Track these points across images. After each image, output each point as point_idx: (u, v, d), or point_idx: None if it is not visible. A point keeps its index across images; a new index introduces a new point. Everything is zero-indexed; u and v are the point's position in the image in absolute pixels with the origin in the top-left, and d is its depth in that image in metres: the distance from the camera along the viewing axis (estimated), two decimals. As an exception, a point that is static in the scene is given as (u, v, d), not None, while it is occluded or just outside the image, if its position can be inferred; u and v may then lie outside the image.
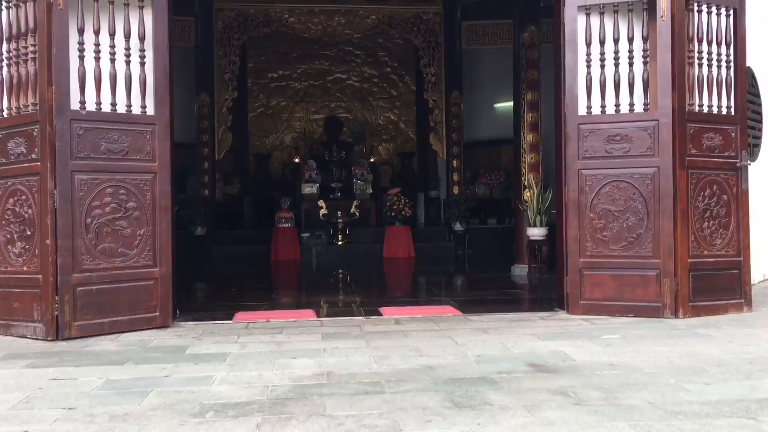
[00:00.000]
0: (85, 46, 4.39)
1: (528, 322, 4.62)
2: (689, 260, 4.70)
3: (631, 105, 4.85)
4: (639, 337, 4.03)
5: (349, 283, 7.76)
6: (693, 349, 3.69)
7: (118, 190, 4.45)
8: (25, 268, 4.32)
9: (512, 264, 8.17)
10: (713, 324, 4.43)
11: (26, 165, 4.32)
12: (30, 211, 4.30)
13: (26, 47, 4.37)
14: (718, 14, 4.94)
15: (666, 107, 4.73)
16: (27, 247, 4.32)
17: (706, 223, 4.80)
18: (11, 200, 4.39)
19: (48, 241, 4.20)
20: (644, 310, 4.70)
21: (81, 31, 4.38)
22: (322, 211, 10.59)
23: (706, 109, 4.88)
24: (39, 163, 4.25)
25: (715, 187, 4.84)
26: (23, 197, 4.34)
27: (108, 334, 4.31)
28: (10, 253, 4.39)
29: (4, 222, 4.42)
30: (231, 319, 4.89)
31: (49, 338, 4.18)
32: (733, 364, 3.33)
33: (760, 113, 6.64)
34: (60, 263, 4.21)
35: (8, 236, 4.40)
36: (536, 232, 7.67)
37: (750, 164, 4.99)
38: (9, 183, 4.41)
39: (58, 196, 4.23)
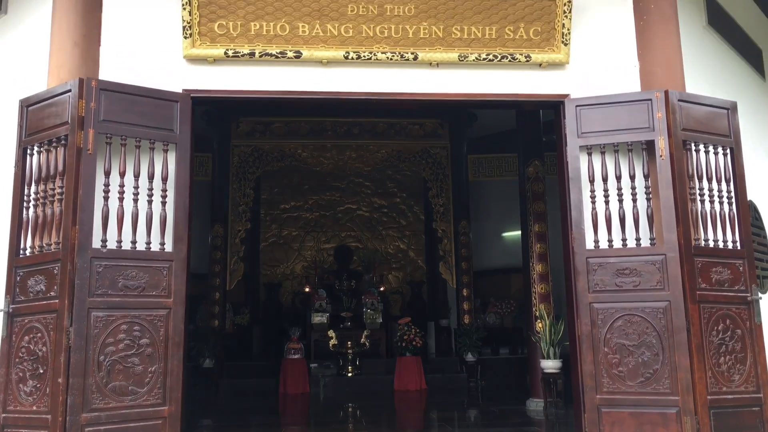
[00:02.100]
0: (110, 187, 4.60)
1: (546, 464, 4.45)
2: (708, 397, 4.61)
3: (638, 239, 4.95)
4: (663, 481, 3.88)
5: (359, 418, 7.56)
6: (721, 495, 3.54)
7: (132, 326, 4.49)
8: (34, 408, 4.27)
9: (527, 397, 7.97)
10: (739, 465, 4.26)
11: (44, 302, 4.40)
12: (44, 348, 4.33)
13: (54, 189, 4.58)
14: (716, 153, 5.15)
15: (672, 242, 4.82)
16: (38, 385, 4.30)
17: (723, 358, 4.74)
18: (26, 338, 4.43)
19: (60, 380, 4.19)
20: (666, 450, 4.55)
21: (107, 174, 4.61)
22: (332, 342, 10.47)
23: (711, 244, 4.96)
24: (57, 301, 4.33)
25: (728, 321, 4.82)
26: (38, 335, 4.38)
27: (113, 477, 4.19)
28: (21, 391, 4.36)
29: (17, 360, 4.43)
30: (239, 460, 4.74)
31: (53, 482, 4.07)
32: None
33: (766, 245, 6.73)
34: (70, 403, 4.18)
35: (20, 374, 4.39)
36: (550, 365, 7.53)
37: (761, 297, 5.01)
38: (26, 320, 4.46)
39: (74, 333, 4.27)
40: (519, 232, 8.98)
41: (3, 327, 4.53)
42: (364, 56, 5.18)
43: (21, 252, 4.65)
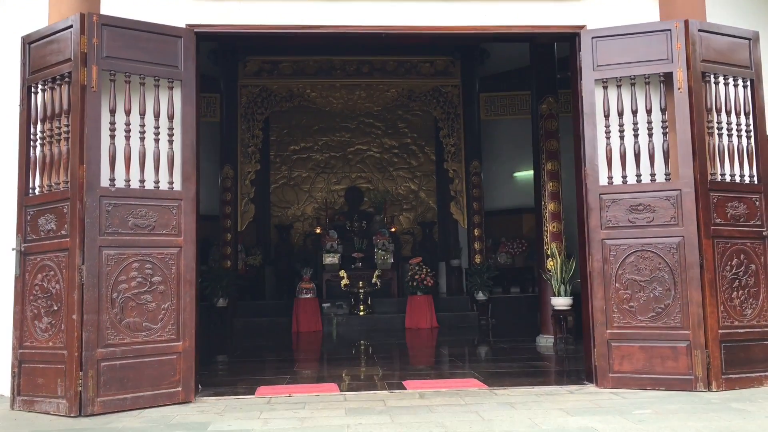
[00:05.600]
0: (116, 125, 4.55)
1: (556, 396, 4.51)
2: (719, 331, 4.60)
3: (653, 175, 4.86)
4: (672, 413, 3.91)
5: (371, 354, 7.66)
6: (729, 425, 3.57)
7: (144, 264, 4.51)
8: (50, 344, 4.35)
9: (537, 334, 8.04)
10: (748, 398, 4.29)
11: (56, 241, 4.41)
12: (57, 286, 4.36)
13: (59, 127, 4.53)
14: (735, 85, 5.00)
15: (688, 177, 4.73)
16: (53, 322, 4.36)
17: (735, 293, 4.72)
18: (39, 276, 4.46)
19: (74, 316, 4.24)
20: (676, 383, 4.58)
21: (113, 111, 4.55)
22: (344, 281, 10.57)
23: (728, 178, 4.87)
24: (68, 239, 4.34)
25: (742, 256, 4.78)
26: (51, 273, 4.41)
27: (130, 410, 4.29)
28: (36, 328, 4.43)
29: (31, 297, 4.49)
30: (253, 394, 4.83)
31: (72, 414, 4.16)
32: (772, 442, 3.21)
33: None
34: (85, 338, 4.24)
35: (35, 311, 4.45)
36: (561, 302, 7.56)
37: (776, 232, 4.94)
38: (38, 259, 4.49)
39: (86, 271, 4.30)
40: (531, 172, 8.88)
41: (16, 265, 4.57)
42: (372, -13, 5.01)
43: (30, 191, 4.64)
